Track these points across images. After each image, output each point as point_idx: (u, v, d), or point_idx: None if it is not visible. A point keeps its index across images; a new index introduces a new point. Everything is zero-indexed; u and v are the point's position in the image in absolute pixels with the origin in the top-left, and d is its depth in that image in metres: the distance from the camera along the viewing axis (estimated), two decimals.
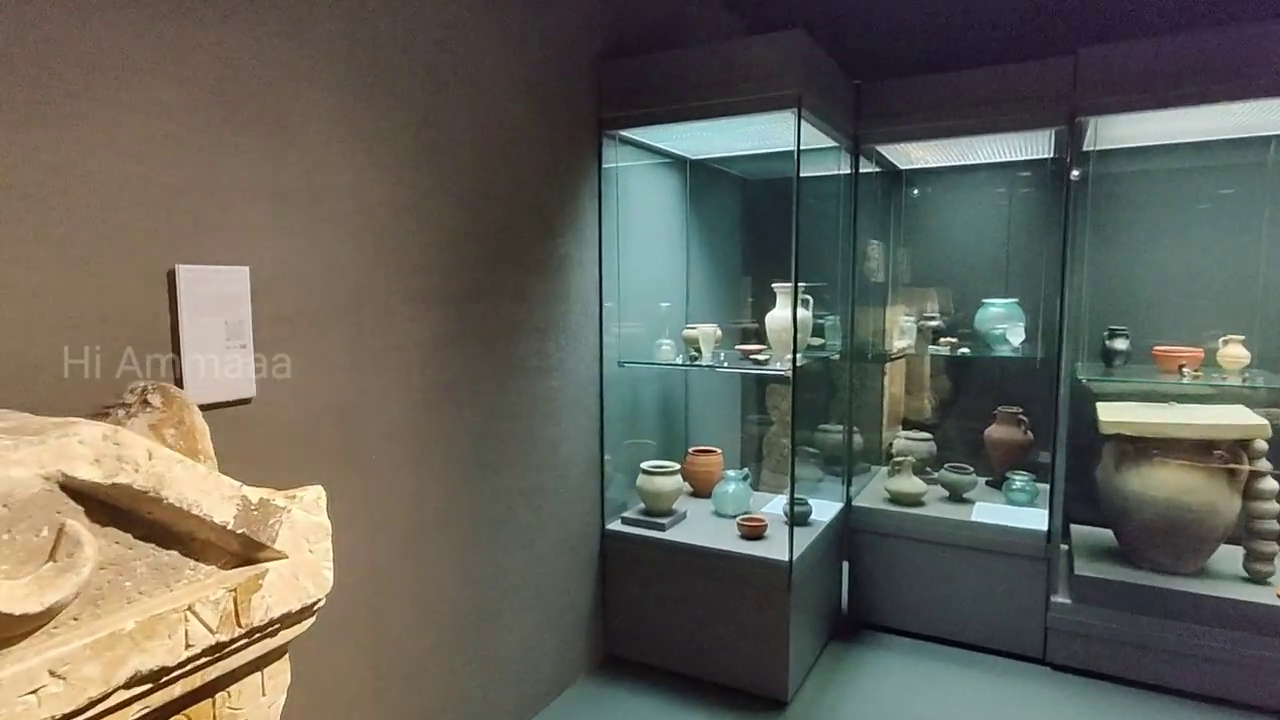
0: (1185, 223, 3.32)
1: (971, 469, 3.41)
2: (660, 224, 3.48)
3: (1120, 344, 3.23)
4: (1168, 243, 3.36)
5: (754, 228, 4.10)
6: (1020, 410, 3.52)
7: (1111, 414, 3.02)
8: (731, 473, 3.26)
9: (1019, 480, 3.32)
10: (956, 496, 3.39)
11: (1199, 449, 2.83)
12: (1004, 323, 3.38)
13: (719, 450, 3.53)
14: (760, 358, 2.87)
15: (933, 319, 3.68)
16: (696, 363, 3.00)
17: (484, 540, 2.42)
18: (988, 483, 3.63)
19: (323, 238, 1.86)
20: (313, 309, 1.84)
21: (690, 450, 3.50)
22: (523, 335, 2.55)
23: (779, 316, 3.15)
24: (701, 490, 3.43)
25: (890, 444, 3.86)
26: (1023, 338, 3.20)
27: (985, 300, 3.54)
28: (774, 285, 3.21)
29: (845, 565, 3.44)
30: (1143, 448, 2.93)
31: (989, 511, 3.26)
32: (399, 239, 2.06)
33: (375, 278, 1.99)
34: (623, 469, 3.18)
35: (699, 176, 3.66)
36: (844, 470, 3.44)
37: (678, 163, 3.55)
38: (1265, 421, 2.78)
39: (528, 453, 2.60)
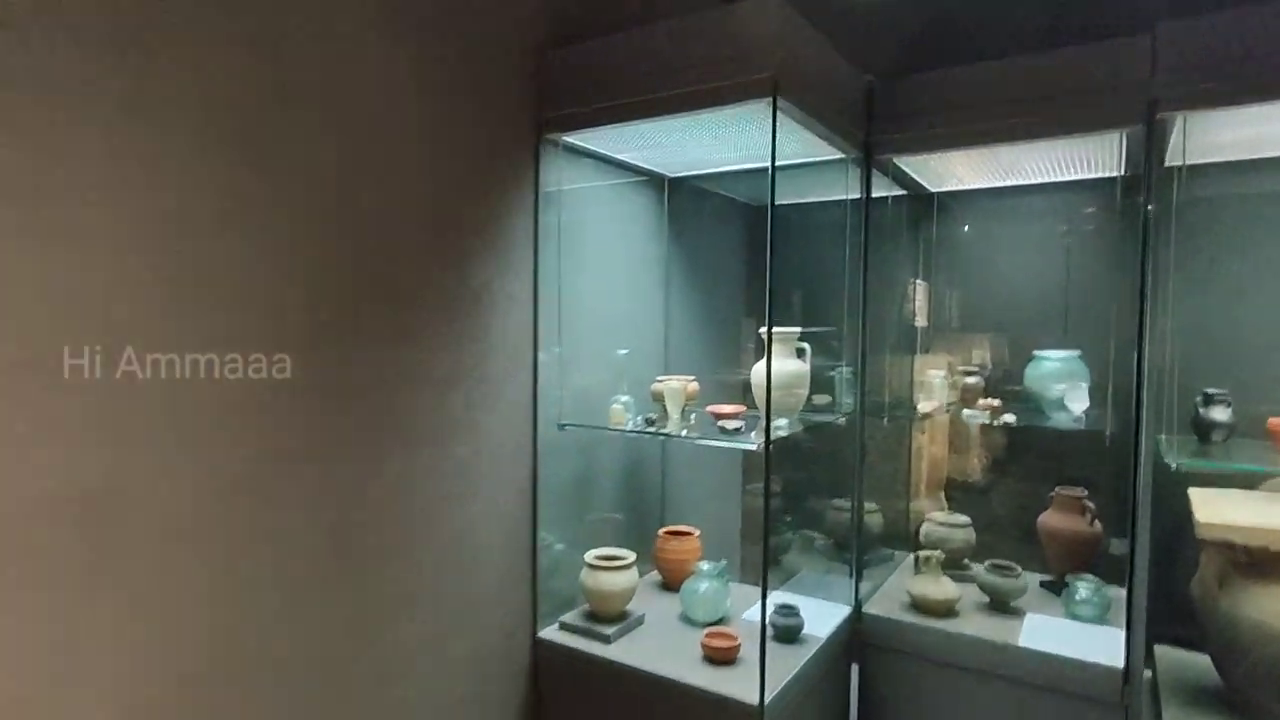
0: None
1: (1018, 569, 2.65)
2: (631, 254, 2.88)
3: (1220, 413, 2.46)
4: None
5: (756, 262, 3.45)
6: (1084, 493, 2.76)
7: (1212, 509, 2.24)
8: (705, 565, 2.57)
9: (1084, 588, 2.54)
10: (1001, 605, 2.63)
11: None
12: (1062, 381, 2.65)
13: (696, 532, 2.85)
14: (731, 425, 2.20)
15: (972, 373, 2.96)
16: (654, 429, 2.34)
17: (335, 679, 1.79)
18: (1042, 584, 2.85)
19: (55, 253, 1.30)
20: (27, 354, 1.27)
21: (661, 532, 2.83)
22: (412, 389, 1.95)
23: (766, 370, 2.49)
24: (673, 582, 2.75)
25: (920, 525, 3.12)
26: (1086, 403, 2.46)
27: (1037, 353, 2.81)
28: (763, 332, 2.56)
29: (854, 690, 2.69)
30: (1261, 559, 2.15)
31: (1044, 629, 2.49)
32: (202, 261, 1.50)
33: (149, 310, 1.42)
34: (576, 552, 2.52)
35: (682, 199, 3.05)
36: (852, 564, 2.72)
37: (653, 181, 2.96)
38: None
39: (416, 547, 1.99)
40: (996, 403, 2.72)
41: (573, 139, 2.39)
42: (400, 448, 1.92)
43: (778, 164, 2.71)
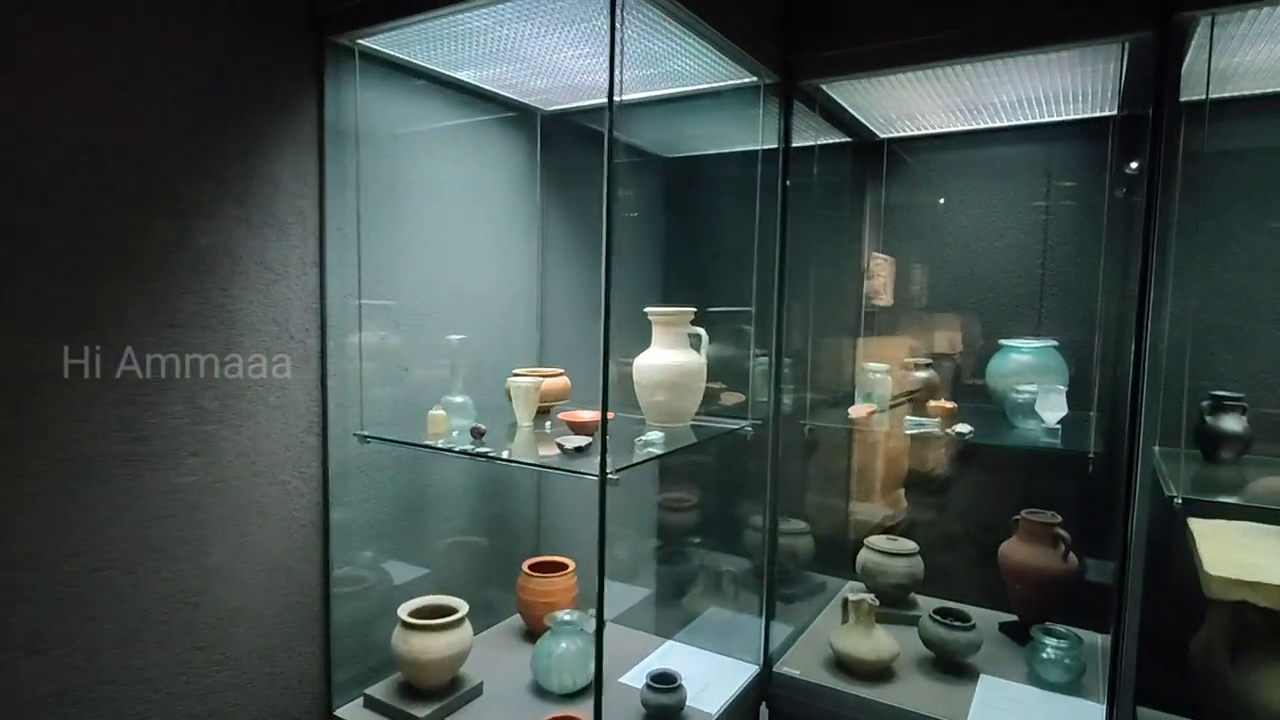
0: None
1: (971, 620, 2.08)
2: (490, 214, 2.23)
3: (1231, 423, 1.89)
4: None
5: (669, 226, 2.82)
6: (1057, 519, 2.19)
7: (1223, 554, 1.68)
8: (567, 615, 1.98)
9: (1052, 645, 1.97)
10: (949, 663, 2.07)
11: None
12: (1033, 379, 2.06)
13: (569, 565, 2.25)
14: (572, 442, 1.58)
15: (923, 366, 2.36)
16: (477, 444, 1.72)
17: None
18: (1003, 628, 2.29)
19: None
20: None
21: (525, 566, 2.23)
22: (85, 395, 1.32)
23: (651, 367, 1.89)
24: (539, 630, 2.15)
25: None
26: (1063, 411, 1.87)
27: (1005, 343, 2.22)
28: (648, 312, 1.94)
29: None
30: (1273, 631, 1.60)
31: (1001, 699, 1.93)
32: None
33: None
34: (406, 596, 1.92)
35: (565, 143, 2.41)
36: (762, 611, 2.13)
37: (523, 119, 2.31)
38: None
39: (95, 623, 1.37)
40: (950, 405, 2.12)
41: (377, 43, 1.74)
42: (64, 480, 1.30)
43: (669, 92, 2.10)
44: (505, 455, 1.64)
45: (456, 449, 1.68)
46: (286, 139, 1.62)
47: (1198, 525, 1.83)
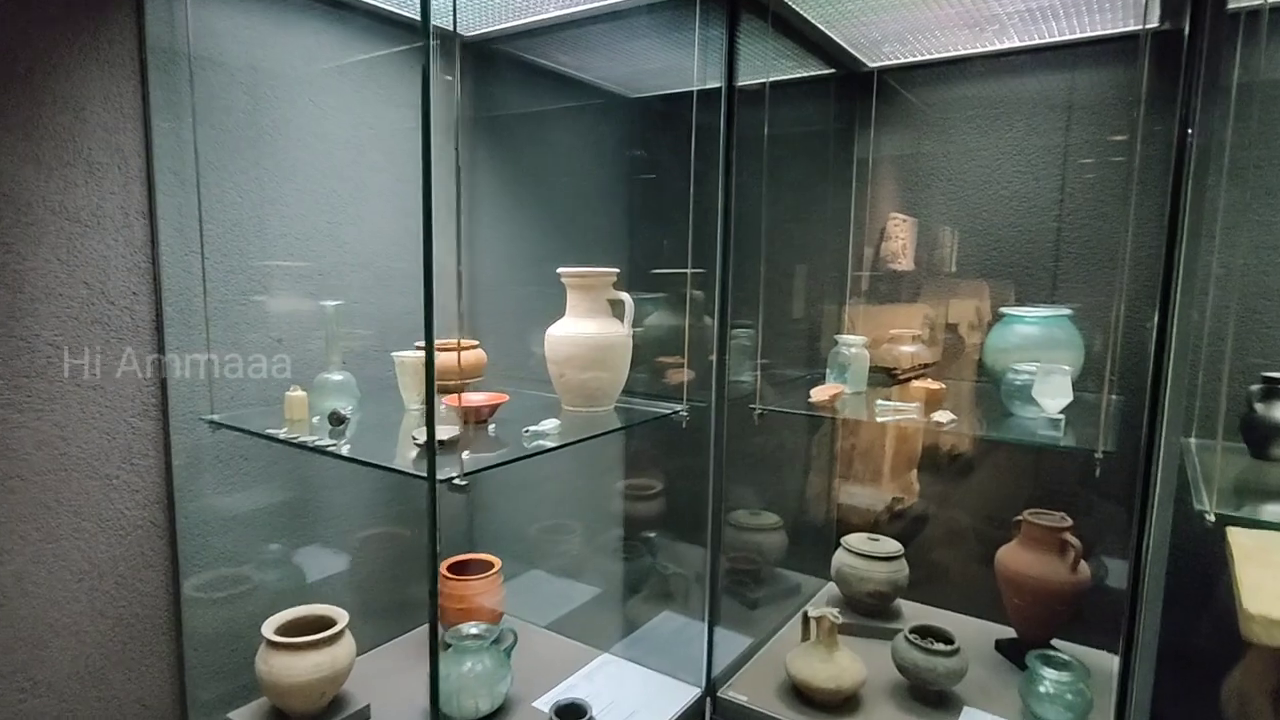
0: None
1: (954, 641, 1.74)
2: (392, 157, 1.92)
3: None
4: None
5: (630, 174, 2.46)
6: (1067, 522, 1.83)
7: (1271, 589, 1.32)
8: (473, 628, 1.70)
9: (1051, 678, 1.63)
10: (925, 693, 1.74)
11: None
12: (1038, 356, 1.68)
13: (495, 564, 1.97)
14: (440, 434, 1.28)
15: (911, 340, 2.00)
16: (338, 430, 1.42)
17: None
18: (1000, 646, 1.95)
19: None
20: None
21: (443, 567, 1.95)
22: None
23: (560, 340, 1.57)
24: None
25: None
26: (1067, 398, 1.49)
27: (1007, 311, 1.85)
28: (561, 274, 1.62)
29: None
30: None
31: None
32: None
33: None
34: (293, 600, 1.65)
35: (498, 77, 2.07)
36: (705, 625, 1.82)
37: (439, 48, 1.97)
38: None
39: None
40: (935, 387, 1.76)
41: None
42: None
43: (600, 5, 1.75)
44: (340, 445, 1.34)
45: (295, 440, 1.38)
46: (92, 57, 1.32)
47: (1240, 537, 1.46)
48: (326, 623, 1.60)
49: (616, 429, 1.56)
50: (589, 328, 1.55)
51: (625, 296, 1.59)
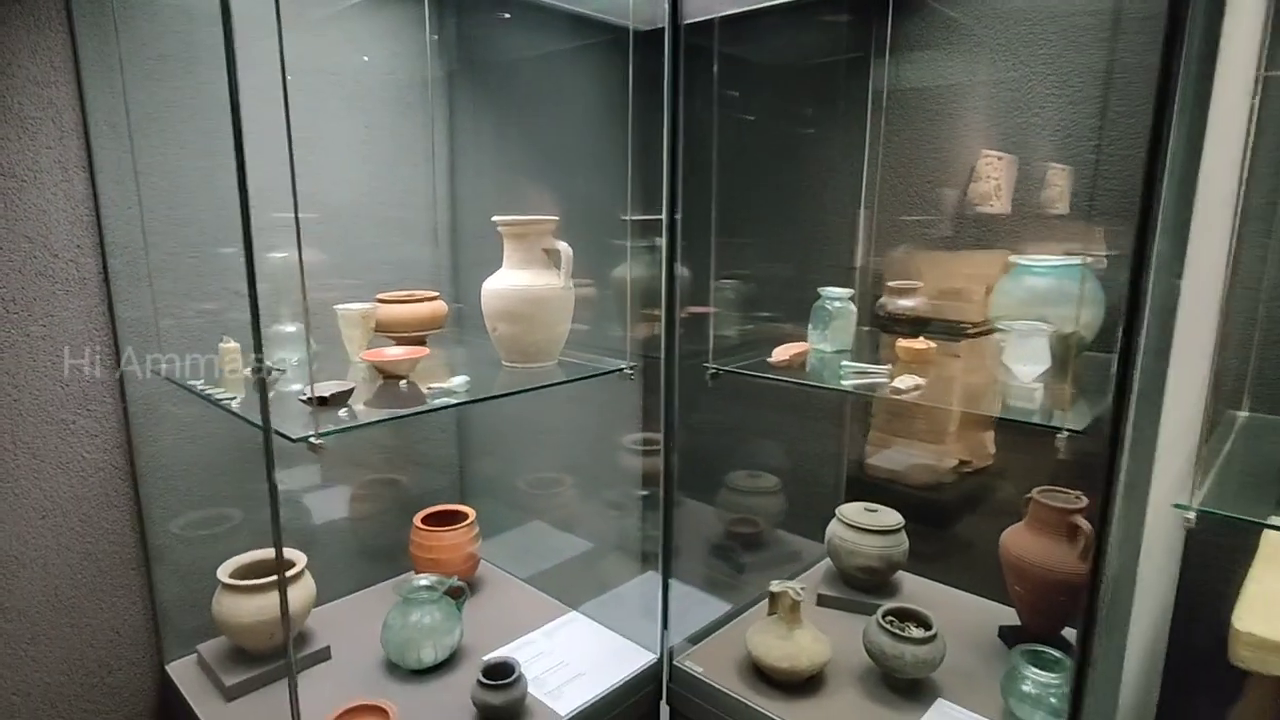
0: None
1: (932, 626, 1.57)
2: (372, 106, 1.87)
3: None
4: None
5: (645, 114, 2.31)
6: (1082, 503, 1.60)
7: (1268, 602, 1.09)
8: (424, 580, 1.71)
9: (1033, 675, 1.44)
10: (895, 681, 1.59)
11: None
12: (1044, 311, 1.44)
13: (470, 515, 1.97)
14: (323, 391, 1.24)
15: (907, 293, 1.78)
16: (216, 391, 1.43)
17: None
18: (1003, 632, 1.76)
19: None
20: None
21: (418, 519, 1.97)
22: None
23: (492, 293, 1.51)
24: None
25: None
26: (1044, 364, 1.26)
27: (1016, 259, 1.60)
28: (496, 222, 1.54)
29: None
30: None
31: None
32: None
33: None
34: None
35: (485, 18, 1.98)
36: (661, 593, 1.74)
37: None
38: None
39: None
40: (922, 346, 1.56)
41: None
42: None
43: None
44: (224, 398, 1.33)
45: (193, 387, 1.39)
46: (14, 10, 1.34)
47: (1276, 541, 1.22)
48: (291, 563, 1.65)
49: (528, 389, 1.46)
50: (520, 279, 1.47)
51: (563, 246, 1.49)
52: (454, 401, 1.31)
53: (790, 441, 2.33)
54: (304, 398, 1.20)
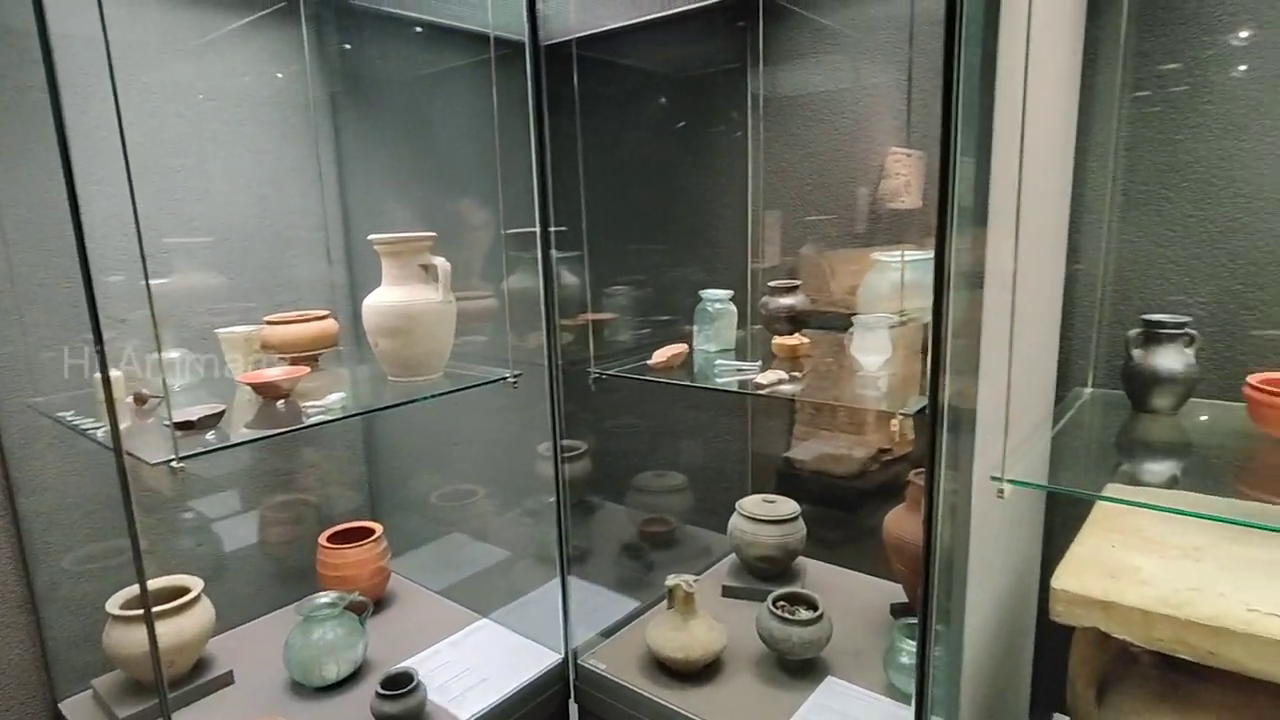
0: None
1: (818, 607, 1.65)
2: (248, 122, 1.89)
3: (1171, 359, 1.34)
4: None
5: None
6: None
7: (1094, 560, 1.18)
8: (326, 596, 1.72)
9: (909, 648, 1.53)
10: (788, 662, 1.66)
11: None
12: (909, 303, 1.53)
13: (376, 530, 1.98)
14: (187, 416, 1.25)
15: (787, 291, 1.85)
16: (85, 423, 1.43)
17: None
18: (895, 610, 1.85)
19: None
20: None
21: (323, 538, 1.97)
22: None
23: (372, 309, 1.53)
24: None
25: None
26: (885, 354, 1.35)
27: (879, 256, 1.68)
28: (372, 240, 1.57)
29: None
30: (1161, 668, 1.10)
31: (834, 712, 1.52)
32: None
33: None
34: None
35: (367, 32, 2.00)
36: (561, 592, 1.79)
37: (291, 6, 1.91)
38: None
39: None
40: (795, 342, 1.64)
41: None
42: None
43: None
44: (91, 427, 1.33)
45: (64, 420, 1.39)
46: None
47: (1104, 509, 1.32)
48: (181, 593, 1.65)
49: (400, 404, 1.49)
50: (397, 295, 1.50)
51: (439, 261, 1.53)
52: (327, 418, 1.33)
53: (701, 440, 2.40)
54: (167, 422, 1.21)
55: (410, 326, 1.50)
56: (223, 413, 1.28)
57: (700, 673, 1.66)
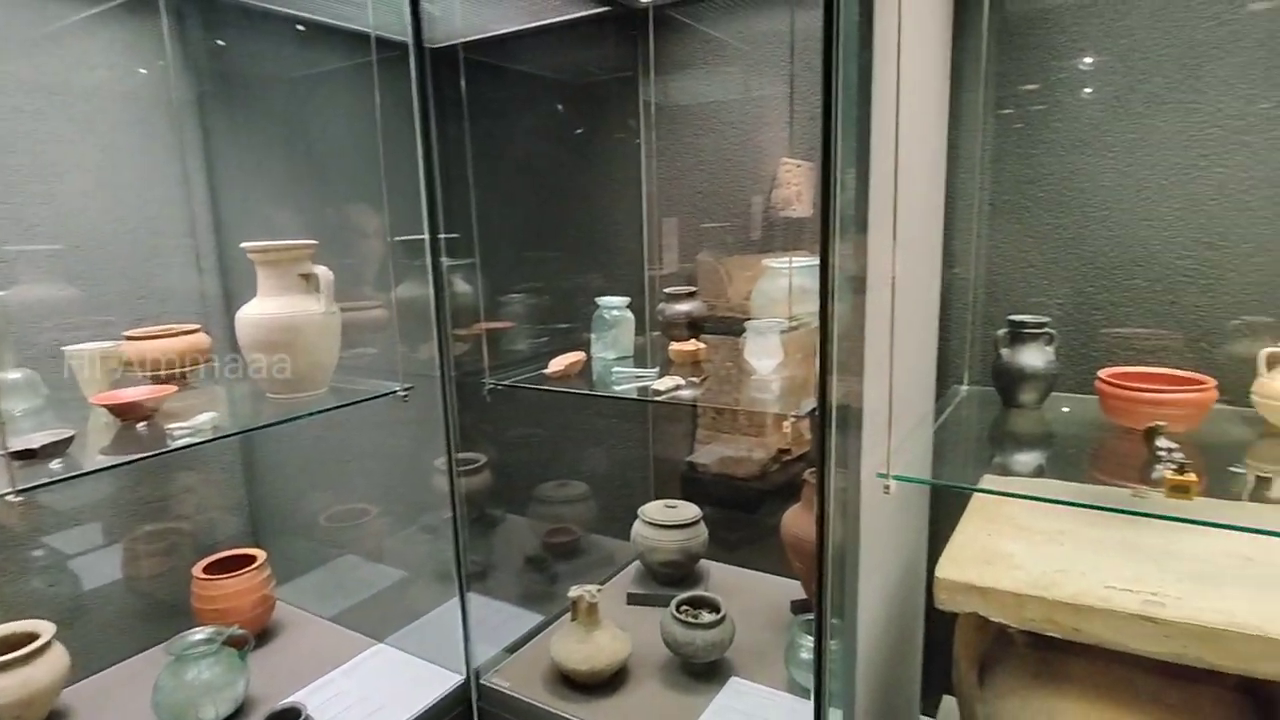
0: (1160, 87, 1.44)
1: (720, 609, 1.67)
2: (101, 125, 1.73)
3: (1033, 356, 1.44)
4: (1133, 133, 1.49)
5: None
6: None
7: (973, 548, 1.25)
8: (200, 633, 1.59)
9: (806, 644, 1.57)
10: (693, 666, 1.68)
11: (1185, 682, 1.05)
12: (800, 307, 1.58)
13: (259, 556, 1.86)
14: (30, 444, 1.14)
15: (684, 298, 1.87)
16: None
17: None
18: (795, 607, 1.89)
19: None
20: None
21: (198, 569, 1.83)
22: None
23: (245, 322, 1.43)
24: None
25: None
26: (777, 357, 1.39)
27: (770, 263, 1.73)
28: (245, 248, 1.47)
29: None
30: (1034, 647, 1.18)
31: (737, 712, 1.55)
32: None
33: None
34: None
35: (236, 30, 1.88)
36: (460, 608, 1.73)
37: None
38: None
39: None
40: (691, 348, 1.66)
41: None
42: None
43: None
44: None
45: None
46: None
47: (981, 499, 1.39)
48: (29, 639, 1.48)
49: (275, 422, 1.41)
50: (274, 307, 1.41)
51: (321, 270, 1.45)
52: (195, 441, 1.23)
53: (603, 447, 2.39)
54: (3, 451, 1.08)
55: (290, 340, 1.41)
56: (71, 438, 1.16)
57: (606, 683, 1.64)
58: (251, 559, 1.86)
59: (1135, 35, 1.46)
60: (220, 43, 1.90)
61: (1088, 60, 1.52)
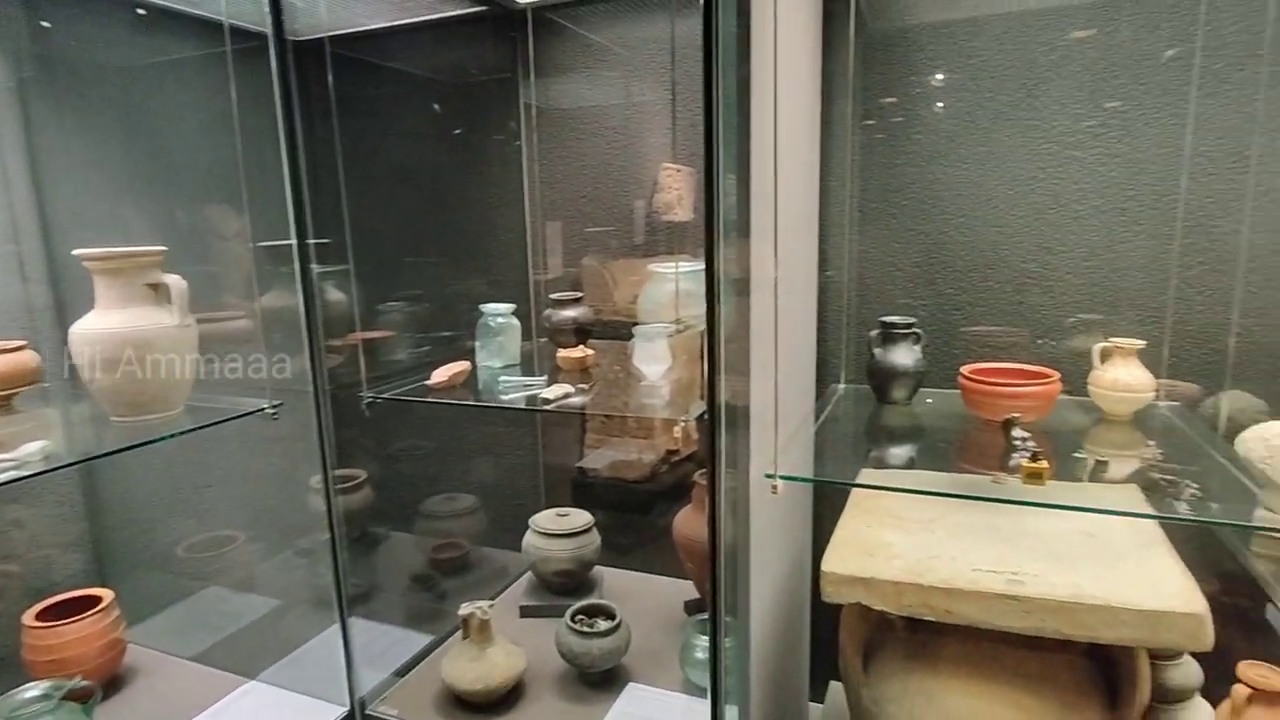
0: (1038, 96, 1.58)
1: (616, 616, 1.66)
2: None
3: (903, 355, 1.52)
4: (984, 138, 1.62)
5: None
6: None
7: (856, 541, 1.30)
8: (35, 688, 1.40)
9: (702, 643, 1.59)
10: (590, 675, 1.66)
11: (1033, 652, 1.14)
12: (688, 311, 1.60)
13: (105, 596, 1.67)
14: None
15: (569, 304, 1.86)
16: None
17: None
18: (688, 608, 1.92)
19: None
20: None
21: (29, 615, 1.62)
22: None
23: (81, 337, 1.28)
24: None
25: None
26: (665, 363, 1.41)
27: (656, 268, 1.74)
28: (78, 255, 1.32)
29: None
30: (912, 630, 1.25)
31: (635, 716, 1.55)
32: None
33: None
34: None
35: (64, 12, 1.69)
36: (342, 635, 1.64)
37: None
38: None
39: None
40: (579, 355, 1.64)
41: None
42: None
43: None
44: None
45: None
46: None
47: (860, 494, 1.46)
48: None
49: (126, 447, 1.28)
50: (115, 321, 1.27)
51: (173, 280, 1.32)
52: (20, 474, 1.09)
53: (491, 458, 2.33)
54: None
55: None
56: None
57: (502, 700, 1.60)
58: (96, 600, 1.66)
59: (982, 56, 1.58)
60: (45, 24, 1.70)
61: (940, 77, 1.64)
